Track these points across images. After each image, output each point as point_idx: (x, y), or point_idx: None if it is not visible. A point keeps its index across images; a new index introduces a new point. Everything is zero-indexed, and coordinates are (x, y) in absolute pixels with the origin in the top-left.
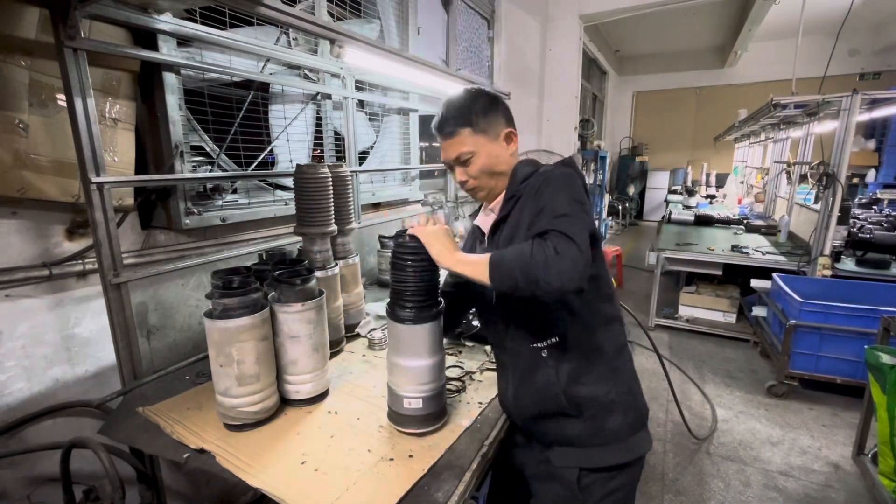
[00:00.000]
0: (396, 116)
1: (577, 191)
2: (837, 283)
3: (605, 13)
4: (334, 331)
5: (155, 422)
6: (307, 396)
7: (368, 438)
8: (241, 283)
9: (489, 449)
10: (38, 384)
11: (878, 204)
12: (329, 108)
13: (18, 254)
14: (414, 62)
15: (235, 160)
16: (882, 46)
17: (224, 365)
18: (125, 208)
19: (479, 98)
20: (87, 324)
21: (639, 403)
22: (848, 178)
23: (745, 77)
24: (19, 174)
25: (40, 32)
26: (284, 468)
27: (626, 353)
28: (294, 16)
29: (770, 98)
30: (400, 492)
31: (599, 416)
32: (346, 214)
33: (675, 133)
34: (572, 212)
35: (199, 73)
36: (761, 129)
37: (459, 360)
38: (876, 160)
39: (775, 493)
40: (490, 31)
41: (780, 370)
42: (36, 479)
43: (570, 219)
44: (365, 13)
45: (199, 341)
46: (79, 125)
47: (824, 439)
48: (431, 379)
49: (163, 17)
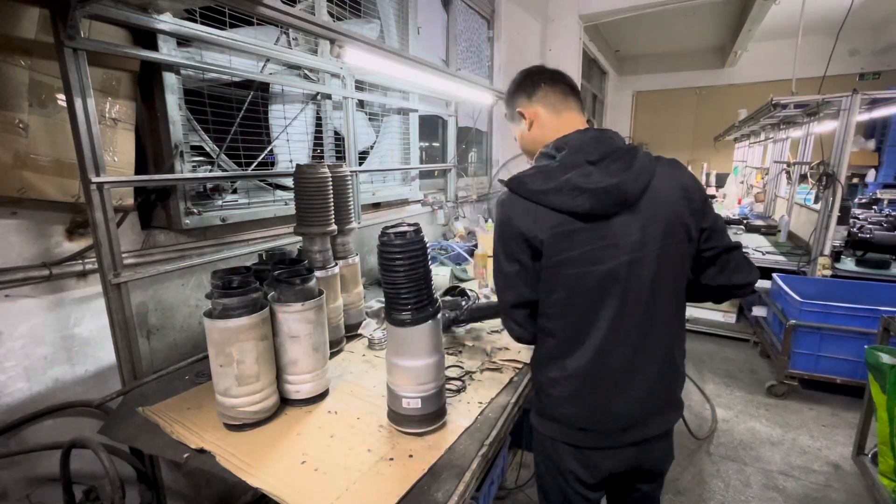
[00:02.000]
0: (396, 116)
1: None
2: (837, 283)
3: (605, 13)
4: (334, 331)
5: (155, 422)
6: (307, 396)
7: (368, 438)
8: (240, 283)
9: (489, 449)
10: (38, 384)
11: (878, 204)
12: (329, 108)
13: (18, 254)
14: (414, 62)
15: (235, 160)
16: (882, 46)
17: (224, 365)
18: (125, 208)
19: (510, 86)
20: (87, 324)
21: None
22: (848, 178)
23: (745, 77)
24: (19, 174)
25: (40, 32)
26: (284, 468)
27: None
28: (294, 16)
29: (770, 98)
30: (400, 492)
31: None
32: (346, 214)
33: (675, 133)
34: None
35: (199, 73)
36: (761, 129)
37: (459, 360)
38: (876, 160)
39: (775, 493)
40: (490, 31)
41: (780, 370)
42: (36, 479)
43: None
44: (365, 13)
45: (199, 341)
46: (79, 125)
47: (824, 439)
48: (430, 379)
49: (163, 17)
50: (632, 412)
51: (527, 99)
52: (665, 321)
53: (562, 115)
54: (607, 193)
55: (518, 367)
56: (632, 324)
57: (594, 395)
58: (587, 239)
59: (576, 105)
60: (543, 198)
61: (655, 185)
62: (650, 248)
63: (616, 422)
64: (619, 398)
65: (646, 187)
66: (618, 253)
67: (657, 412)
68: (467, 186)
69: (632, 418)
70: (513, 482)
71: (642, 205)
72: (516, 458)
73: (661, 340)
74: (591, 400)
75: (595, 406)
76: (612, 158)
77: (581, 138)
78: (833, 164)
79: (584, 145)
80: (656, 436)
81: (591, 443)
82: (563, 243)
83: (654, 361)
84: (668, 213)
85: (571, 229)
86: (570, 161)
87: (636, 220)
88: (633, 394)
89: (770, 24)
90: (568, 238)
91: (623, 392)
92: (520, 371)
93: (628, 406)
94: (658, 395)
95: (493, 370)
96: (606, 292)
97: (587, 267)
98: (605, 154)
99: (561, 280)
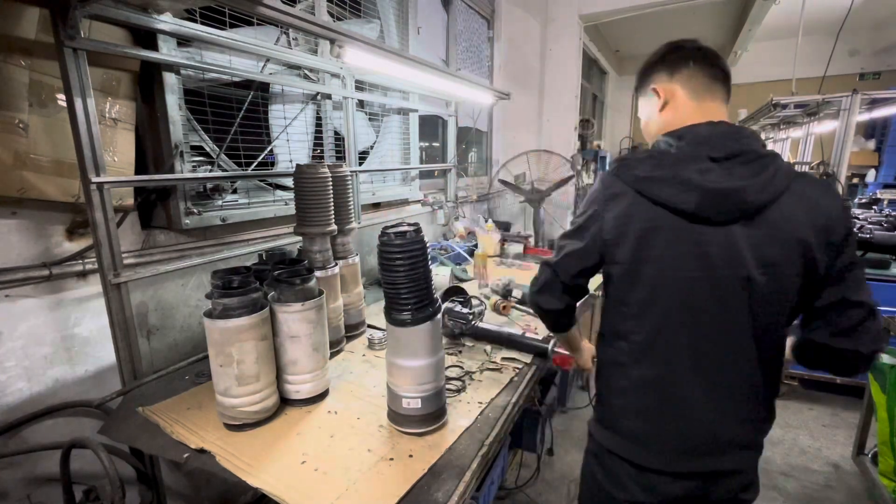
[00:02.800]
0: (396, 116)
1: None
2: None
3: (605, 13)
4: (334, 331)
5: (155, 422)
6: (307, 396)
7: (368, 438)
8: (240, 283)
9: (489, 449)
10: (38, 384)
11: (878, 204)
12: (329, 108)
13: (18, 254)
14: (414, 62)
15: (235, 160)
16: (882, 46)
17: (224, 365)
18: (125, 208)
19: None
20: (87, 324)
21: None
22: (848, 178)
23: (745, 77)
24: (19, 174)
25: (40, 32)
26: (284, 468)
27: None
28: (294, 16)
29: (770, 98)
30: (400, 492)
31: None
32: (346, 214)
33: None
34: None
35: (199, 73)
36: (761, 129)
37: (459, 360)
38: (876, 160)
39: (775, 492)
40: (490, 31)
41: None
42: (36, 479)
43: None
44: (365, 13)
45: (199, 341)
46: (79, 125)
47: (824, 439)
48: (430, 379)
49: (163, 17)
50: (702, 437)
51: (667, 75)
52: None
53: (703, 102)
54: (724, 197)
55: (518, 367)
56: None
57: (662, 410)
58: (683, 240)
59: (722, 95)
60: (647, 186)
61: (786, 201)
62: (755, 271)
63: (683, 444)
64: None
65: (772, 201)
66: (713, 264)
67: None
68: (467, 186)
69: (706, 445)
70: (513, 482)
71: (763, 220)
72: (516, 458)
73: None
74: (658, 415)
75: (661, 423)
76: (742, 161)
77: (710, 131)
78: (833, 164)
79: (711, 139)
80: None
81: (654, 463)
82: (655, 240)
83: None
84: (791, 239)
85: (668, 226)
86: (691, 152)
87: (749, 235)
88: (706, 418)
89: (770, 24)
90: (662, 235)
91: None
92: (520, 371)
93: (698, 429)
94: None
95: (493, 370)
96: (690, 304)
97: (677, 272)
98: (733, 153)
99: (644, 279)
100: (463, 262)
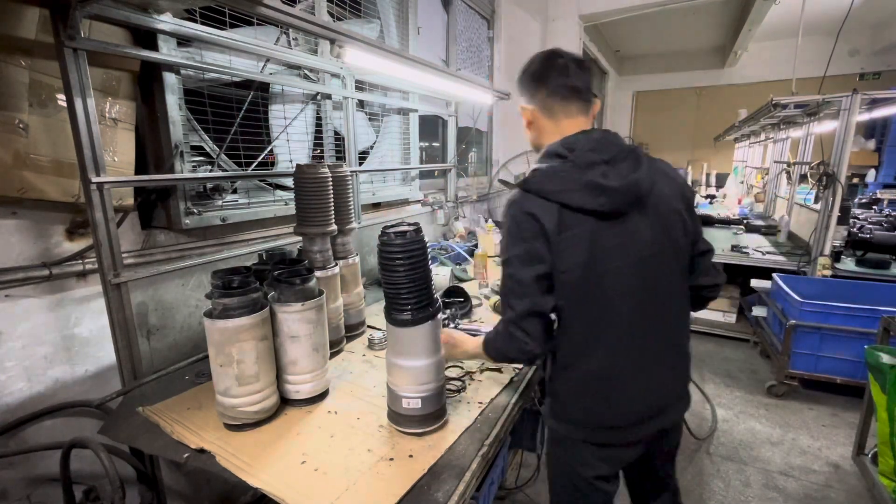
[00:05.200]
0: (396, 116)
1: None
2: (837, 283)
3: (605, 13)
4: (334, 331)
5: (155, 422)
6: (307, 396)
7: (368, 438)
8: (240, 283)
9: (489, 449)
10: (38, 384)
11: (878, 204)
12: (329, 108)
13: (18, 254)
14: (414, 62)
15: (235, 160)
16: (882, 46)
17: (224, 365)
18: (125, 208)
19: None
20: (87, 324)
21: None
22: (848, 178)
23: (745, 77)
24: (19, 174)
25: (40, 32)
26: (284, 468)
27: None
28: (294, 16)
29: (770, 98)
30: (400, 492)
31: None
32: (346, 214)
33: (675, 133)
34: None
35: (199, 73)
36: (761, 129)
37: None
38: (876, 160)
39: (775, 493)
40: (490, 31)
41: (780, 370)
42: (36, 479)
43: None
44: (365, 13)
45: (199, 341)
46: (79, 125)
47: (824, 439)
48: (430, 379)
49: (163, 17)
50: (650, 406)
51: (529, 97)
52: (677, 315)
53: (560, 122)
54: (626, 192)
55: (518, 367)
56: (648, 320)
57: (613, 394)
58: (606, 238)
59: (577, 109)
60: (563, 197)
61: (657, 182)
62: (660, 246)
63: (636, 417)
64: (638, 394)
65: (653, 185)
66: (633, 251)
67: (674, 403)
68: (467, 186)
69: (651, 411)
70: (513, 482)
71: (650, 203)
72: (516, 458)
73: (675, 335)
74: (611, 399)
75: (614, 404)
76: (620, 158)
77: (589, 139)
78: (833, 164)
79: (596, 145)
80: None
81: (612, 439)
82: (583, 243)
83: (670, 355)
84: (670, 212)
85: (591, 229)
86: (586, 160)
87: (645, 218)
88: (652, 388)
89: (770, 24)
90: (587, 238)
91: (642, 388)
92: (520, 371)
93: (648, 401)
94: (674, 386)
95: (493, 370)
96: (623, 290)
97: (605, 265)
98: (614, 154)
99: (578, 281)
100: (463, 262)
